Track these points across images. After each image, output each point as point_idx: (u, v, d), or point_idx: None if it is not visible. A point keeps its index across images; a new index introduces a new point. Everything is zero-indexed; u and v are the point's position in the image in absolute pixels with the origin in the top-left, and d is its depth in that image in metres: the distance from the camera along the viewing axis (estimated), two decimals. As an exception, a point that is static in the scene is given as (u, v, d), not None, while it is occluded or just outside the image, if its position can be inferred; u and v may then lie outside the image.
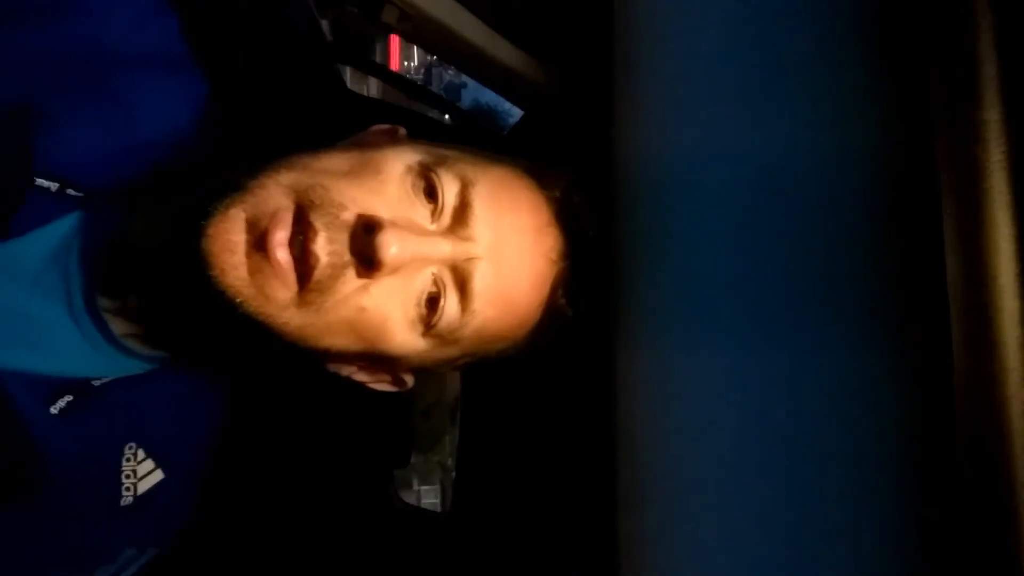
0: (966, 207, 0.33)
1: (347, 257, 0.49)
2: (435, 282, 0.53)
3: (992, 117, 0.32)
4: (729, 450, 0.50)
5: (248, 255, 0.48)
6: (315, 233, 0.49)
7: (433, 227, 0.52)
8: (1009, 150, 0.32)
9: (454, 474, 1.02)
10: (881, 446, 0.42)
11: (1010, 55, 0.32)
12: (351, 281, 0.50)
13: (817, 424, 0.45)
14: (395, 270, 0.50)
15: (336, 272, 0.49)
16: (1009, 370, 0.32)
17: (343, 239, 0.50)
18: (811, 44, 0.47)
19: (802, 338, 0.47)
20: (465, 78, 0.95)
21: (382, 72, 1.13)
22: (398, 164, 0.53)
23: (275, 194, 0.49)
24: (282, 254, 0.48)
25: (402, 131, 0.62)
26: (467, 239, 0.53)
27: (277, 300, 0.49)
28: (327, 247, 0.49)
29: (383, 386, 0.62)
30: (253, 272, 0.48)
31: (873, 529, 0.42)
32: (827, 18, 0.47)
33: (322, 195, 0.50)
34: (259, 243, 0.48)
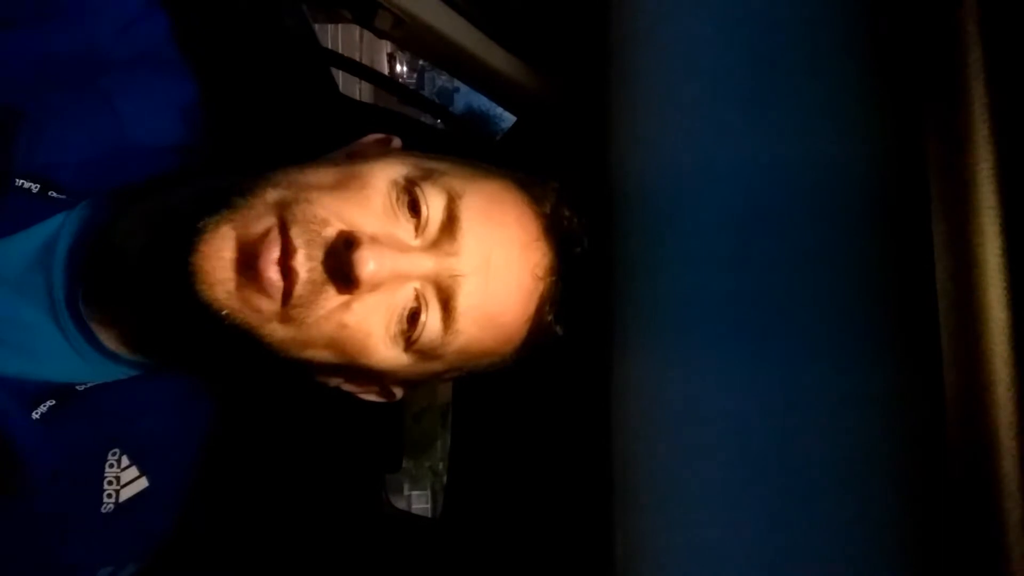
0: (955, 218, 0.34)
1: (325, 274, 0.49)
2: (417, 297, 0.52)
3: (980, 129, 0.32)
4: (724, 460, 0.50)
5: (237, 271, 0.49)
6: (295, 250, 0.49)
7: (416, 242, 0.52)
8: (997, 161, 0.32)
9: (445, 479, 1.02)
10: (873, 455, 0.42)
11: (997, 67, 0.33)
12: (333, 297, 0.50)
13: (810, 432, 0.46)
14: (375, 287, 0.50)
15: (316, 288, 0.49)
16: (998, 381, 0.32)
17: (320, 256, 0.49)
18: (804, 56, 0.48)
19: (794, 348, 0.47)
20: (457, 83, 0.96)
21: (375, 77, 1.13)
22: (383, 178, 0.53)
23: (262, 212, 0.50)
24: (273, 272, 0.48)
25: (396, 142, 0.61)
26: (452, 254, 0.52)
27: (261, 313, 0.50)
28: (306, 264, 0.49)
29: (372, 397, 0.62)
30: (241, 287, 0.49)
31: (865, 537, 0.43)
32: (820, 31, 0.47)
33: (305, 210, 0.50)
34: (249, 261, 0.48)
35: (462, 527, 0.93)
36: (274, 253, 0.48)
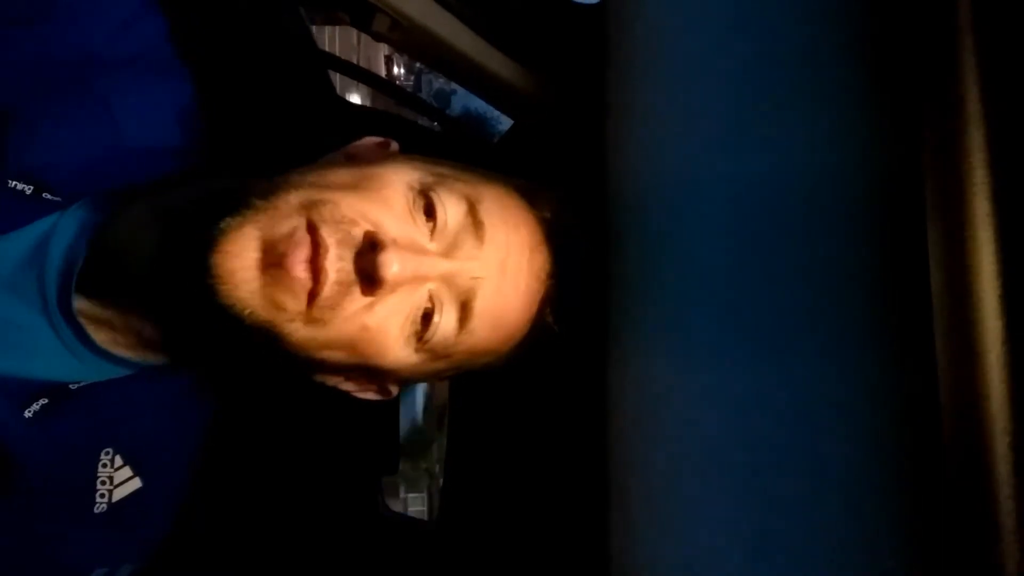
0: (951, 227, 0.34)
1: (353, 275, 0.50)
2: (431, 298, 0.53)
3: (975, 139, 0.32)
4: (721, 461, 0.51)
5: (262, 271, 0.49)
6: (326, 250, 0.49)
7: (432, 246, 0.53)
8: (992, 171, 0.32)
9: (441, 481, 1.02)
10: (868, 458, 0.43)
11: (992, 79, 0.33)
12: (357, 299, 0.50)
13: (806, 435, 0.46)
14: (395, 288, 0.51)
15: (343, 289, 0.50)
16: (993, 387, 0.32)
17: (351, 256, 0.50)
18: (802, 64, 0.48)
19: (790, 352, 0.47)
20: (455, 85, 0.96)
21: (372, 79, 1.13)
22: (400, 181, 0.53)
23: (288, 213, 0.50)
24: (302, 272, 0.48)
25: (394, 145, 0.62)
26: (474, 258, 0.53)
27: (286, 311, 0.50)
28: (336, 263, 0.49)
29: (368, 395, 0.62)
30: (265, 286, 0.49)
31: (860, 539, 0.43)
32: (820, 40, 0.47)
33: (333, 211, 0.50)
34: (275, 261, 0.48)
35: (458, 529, 0.93)
36: (303, 252, 0.48)
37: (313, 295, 0.49)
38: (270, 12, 0.74)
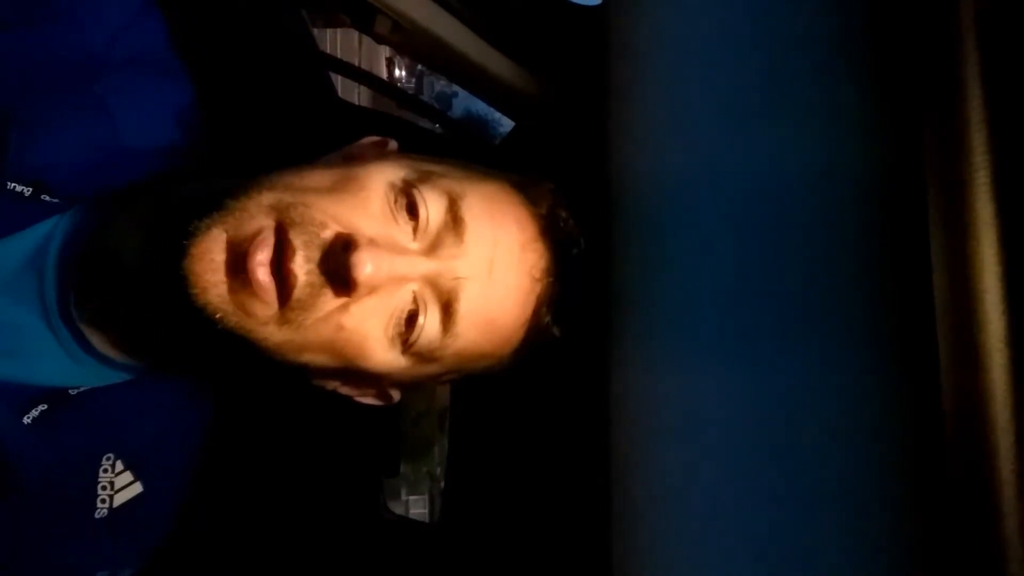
0: (953, 228, 0.34)
1: (322, 276, 0.49)
2: (415, 300, 0.52)
3: (978, 140, 0.32)
4: (722, 463, 0.50)
5: (229, 274, 0.48)
6: (293, 252, 0.48)
7: (415, 245, 0.52)
8: (994, 172, 0.32)
9: (443, 484, 1.02)
10: (871, 464, 0.42)
11: (994, 80, 0.33)
12: (331, 300, 0.50)
13: (807, 436, 0.46)
14: (372, 290, 0.50)
15: (315, 291, 0.49)
16: (995, 388, 0.32)
17: (318, 258, 0.49)
18: (805, 64, 0.48)
19: (793, 353, 0.47)
20: (456, 87, 0.96)
21: (374, 81, 1.14)
22: (380, 180, 0.52)
23: (256, 215, 0.49)
24: (262, 275, 0.48)
25: (393, 144, 0.61)
26: (456, 256, 0.52)
27: (257, 317, 0.49)
28: (305, 266, 0.49)
29: (369, 400, 0.62)
30: (234, 291, 0.48)
31: (863, 540, 0.43)
32: (821, 39, 0.47)
33: (303, 213, 0.49)
34: (239, 264, 0.48)
35: (460, 532, 0.93)
36: (262, 255, 0.48)
37: (285, 297, 0.48)
38: (271, 14, 0.74)
